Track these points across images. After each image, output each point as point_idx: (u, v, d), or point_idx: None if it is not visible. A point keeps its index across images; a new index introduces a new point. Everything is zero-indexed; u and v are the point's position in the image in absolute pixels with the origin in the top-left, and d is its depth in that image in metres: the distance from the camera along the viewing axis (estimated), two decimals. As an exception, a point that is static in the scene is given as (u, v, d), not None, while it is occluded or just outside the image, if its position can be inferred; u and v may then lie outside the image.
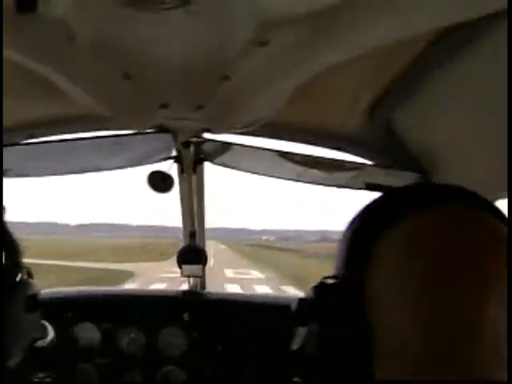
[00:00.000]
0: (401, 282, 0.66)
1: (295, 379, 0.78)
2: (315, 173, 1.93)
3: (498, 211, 0.72)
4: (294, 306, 0.76)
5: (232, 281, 20.01)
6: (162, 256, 36.00)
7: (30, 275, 1.17)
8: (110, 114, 1.42)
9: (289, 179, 2.14)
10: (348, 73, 1.33)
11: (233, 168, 2.12)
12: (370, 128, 1.62)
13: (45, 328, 2.16)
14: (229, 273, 24.66)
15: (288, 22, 1.06)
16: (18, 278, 1.11)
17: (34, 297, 1.16)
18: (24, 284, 1.14)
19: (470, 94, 1.33)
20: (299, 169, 1.94)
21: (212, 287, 2.61)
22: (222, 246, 66.61)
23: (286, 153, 1.86)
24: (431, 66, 1.24)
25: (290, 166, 1.94)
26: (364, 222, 0.74)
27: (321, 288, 0.74)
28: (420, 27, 1.03)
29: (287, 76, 1.22)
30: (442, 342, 0.63)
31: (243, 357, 2.25)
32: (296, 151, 1.87)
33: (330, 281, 0.74)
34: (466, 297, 0.63)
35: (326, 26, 1.05)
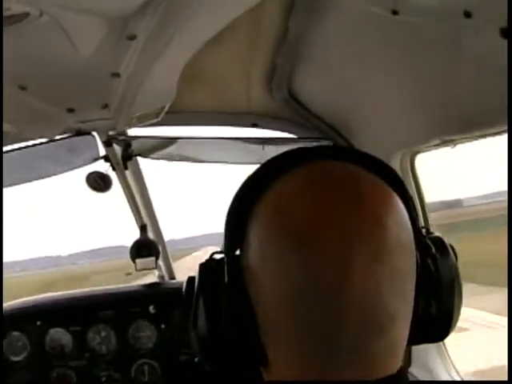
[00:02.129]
0: (269, 249, 0.65)
1: None
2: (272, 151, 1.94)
3: (387, 171, 0.70)
4: (184, 285, 0.76)
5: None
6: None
7: None
8: (15, 129, 1.45)
9: (247, 163, 2.15)
10: (230, 48, 1.36)
11: (178, 160, 2.16)
12: (275, 101, 1.65)
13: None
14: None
15: (142, 11, 1.08)
16: None
17: None
18: None
19: (354, 52, 1.35)
20: (257, 150, 1.96)
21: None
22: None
23: (229, 138, 1.90)
24: (304, 24, 1.26)
25: (246, 149, 1.97)
26: (238, 195, 0.73)
27: (206, 264, 0.74)
28: None
29: (165, 63, 1.26)
30: (310, 315, 0.63)
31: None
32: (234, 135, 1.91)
33: (217, 256, 0.74)
34: (331, 257, 0.62)
35: (179, 2, 1.07)
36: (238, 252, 0.71)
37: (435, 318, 0.72)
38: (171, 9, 1.07)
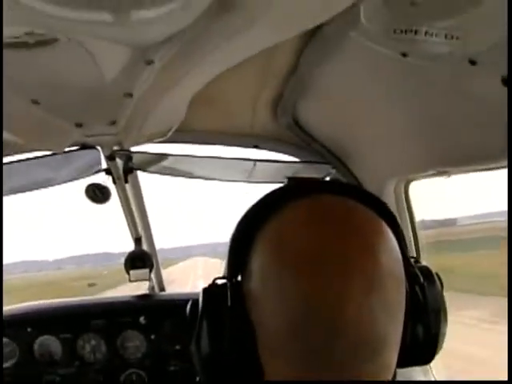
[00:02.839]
0: (271, 279, 0.69)
1: None
2: (265, 172, 2.00)
3: (380, 205, 0.75)
4: (187, 307, 0.79)
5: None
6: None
7: None
8: (21, 141, 1.48)
9: (238, 181, 2.20)
10: (241, 76, 1.41)
11: (175, 175, 2.21)
12: (278, 126, 1.70)
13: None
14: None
15: (164, 41, 1.13)
16: None
17: None
18: None
19: (360, 86, 1.41)
20: (249, 170, 2.02)
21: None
22: (213, 260, 66.35)
23: (228, 158, 1.95)
24: (315, 60, 1.32)
25: (238, 168, 2.02)
26: (241, 222, 0.77)
27: (209, 289, 0.77)
28: (290, 31, 1.10)
29: (179, 88, 1.31)
30: (309, 337, 0.67)
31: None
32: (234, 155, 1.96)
33: (220, 281, 0.77)
34: (328, 286, 0.66)
35: (201, 37, 1.12)
36: (239, 278, 0.75)
37: (422, 343, 0.77)
38: (193, 41, 1.12)
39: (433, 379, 2.02)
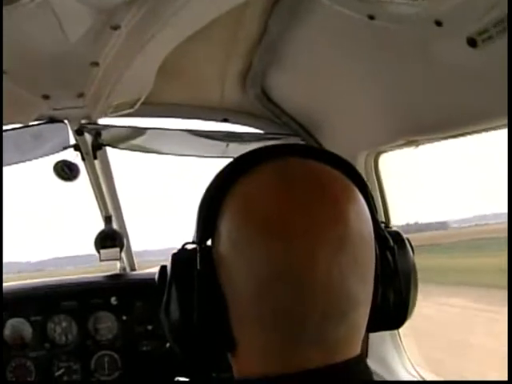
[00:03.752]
0: (239, 242, 0.69)
1: None
2: (236, 147, 1.99)
3: (347, 167, 0.75)
4: (156, 273, 0.78)
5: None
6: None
7: None
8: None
9: (213, 156, 2.19)
10: (209, 46, 1.40)
11: (146, 151, 2.17)
12: (247, 98, 1.70)
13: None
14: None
15: (130, 3, 1.11)
16: None
17: None
18: None
19: (328, 54, 1.41)
20: (221, 144, 2.00)
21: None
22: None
23: (198, 131, 1.93)
24: (282, 27, 1.32)
25: (209, 143, 2.00)
26: (209, 188, 0.76)
27: (178, 253, 0.76)
28: None
29: (146, 54, 1.30)
30: (277, 299, 0.66)
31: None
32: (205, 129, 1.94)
33: (189, 246, 0.76)
34: (296, 245, 0.66)
35: (167, 1, 1.11)
36: (209, 242, 0.74)
37: (392, 307, 0.76)
38: (158, 3, 1.10)
39: (401, 348, 2.05)
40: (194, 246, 0.75)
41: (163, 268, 0.77)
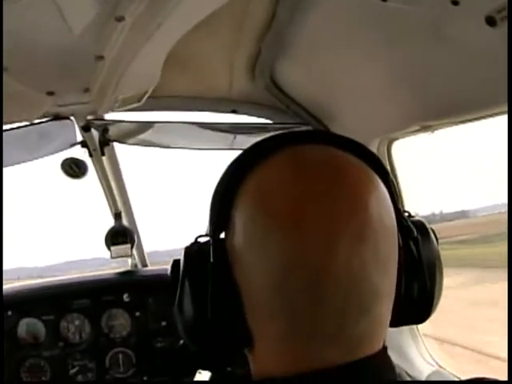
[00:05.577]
0: (254, 234, 0.66)
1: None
2: (244, 139, 1.96)
3: (367, 154, 0.71)
4: (169, 268, 0.76)
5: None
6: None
7: None
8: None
9: (221, 149, 2.16)
10: (216, 35, 1.37)
11: (154, 146, 2.14)
12: (256, 88, 1.66)
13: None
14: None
15: None
16: None
17: None
18: None
19: (338, 40, 1.37)
20: (229, 137, 1.97)
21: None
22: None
23: (206, 123, 1.90)
24: (290, 14, 1.28)
25: (217, 135, 1.97)
26: (222, 179, 0.73)
27: (191, 247, 0.73)
28: None
29: (150, 47, 1.26)
30: (293, 294, 0.63)
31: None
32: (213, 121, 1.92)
33: (202, 239, 0.73)
34: (314, 235, 0.62)
35: None
36: (222, 235, 0.71)
37: (416, 301, 0.73)
38: None
39: (418, 336, 2.02)
40: (207, 238, 0.72)
41: (176, 262, 0.74)
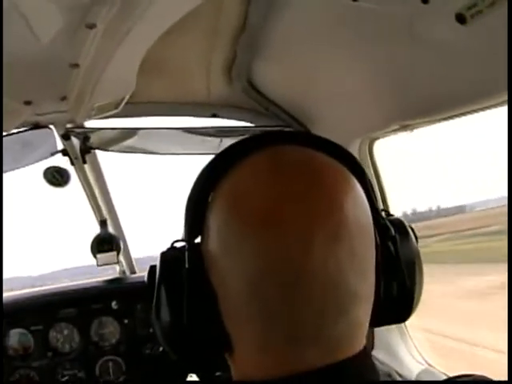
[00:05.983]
0: (228, 238, 0.65)
1: None
2: (230, 142, 1.94)
3: (343, 154, 0.70)
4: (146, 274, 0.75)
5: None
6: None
7: None
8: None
9: (207, 153, 2.15)
10: (190, 40, 1.36)
11: (138, 152, 2.13)
12: (234, 91, 1.66)
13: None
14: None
15: (103, 2, 1.07)
16: None
17: None
18: None
19: (313, 40, 1.37)
20: (215, 141, 1.97)
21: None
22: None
23: (191, 128, 1.89)
24: (263, 14, 1.27)
25: (203, 140, 1.96)
26: (196, 183, 0.72)
27: (167, 252, 0.72)
28: None
29: (124, 52, 1.25)
30: (268, 297, 0.62)
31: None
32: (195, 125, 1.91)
33: (179, 244, 0.72)
34: (289, 236, 0.61)
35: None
36: (198, 239, 0.70)
37: (396, 300, 0.72)
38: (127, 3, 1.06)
39: (409, 340, 2.02)
40: (183, 243, 0.71)
41: (152, 268, 0.73)
